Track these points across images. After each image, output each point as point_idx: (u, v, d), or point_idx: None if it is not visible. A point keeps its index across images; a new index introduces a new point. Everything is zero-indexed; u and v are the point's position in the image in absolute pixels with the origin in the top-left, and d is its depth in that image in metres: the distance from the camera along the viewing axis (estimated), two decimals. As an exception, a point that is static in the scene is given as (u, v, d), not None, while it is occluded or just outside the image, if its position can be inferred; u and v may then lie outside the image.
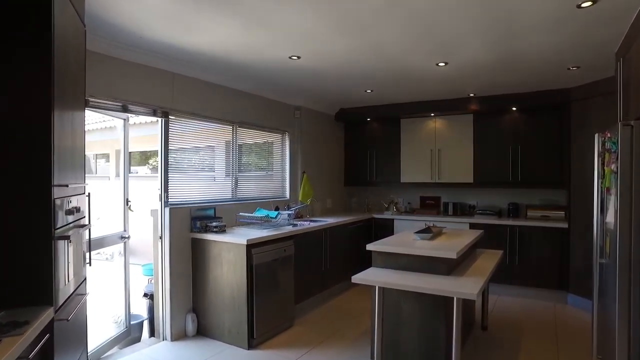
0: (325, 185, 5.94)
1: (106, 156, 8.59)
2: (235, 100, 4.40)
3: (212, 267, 3.70)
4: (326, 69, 3.94)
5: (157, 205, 3.73)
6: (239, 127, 4.49)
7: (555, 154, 4.94)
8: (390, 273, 3.05)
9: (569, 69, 3.85)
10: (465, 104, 5.21)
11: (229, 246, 3.56)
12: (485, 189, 5.61)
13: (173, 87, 3.69)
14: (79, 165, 2.14)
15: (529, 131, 5.08)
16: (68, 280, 1.85)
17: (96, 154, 8.79)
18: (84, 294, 2.14)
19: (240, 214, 4.20)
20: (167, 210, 3.67)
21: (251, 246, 3.50)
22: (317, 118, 5.76)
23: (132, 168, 8.75)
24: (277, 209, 4.76)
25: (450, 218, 5.30)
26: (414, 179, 5.83)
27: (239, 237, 3.53)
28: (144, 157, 9.21)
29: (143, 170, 9.12)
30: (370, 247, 3.24)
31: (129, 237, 3.69)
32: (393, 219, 5.68)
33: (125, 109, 3.29)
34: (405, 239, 3.55)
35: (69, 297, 1.87)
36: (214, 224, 3.83)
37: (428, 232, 3.73)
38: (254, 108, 4.67)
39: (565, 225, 4.64)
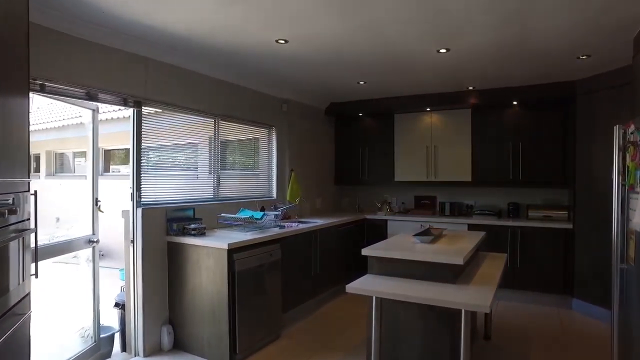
0: (314, 184, 5.60)
1: (84, 154, 8.15)
2: (217, 91, 4.03)
3: (190, 274, 3.34)
4: (316, 56, 3.60)
5: (129, 205, 3.35)
6: (222, 120, 4.12)
7: (558, 151, 4.68)
8: (388, 281, 2.72)
9: (578, 57, 3.58)
10: (464, 97, 4.92)
11: (209, 251, 3.20)
12: (484, 188, 5.34)
13: (147, 74, 3.31)
14: (19, 160, 1.77)
15: (530, 127, 4.81)
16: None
17: (74, 152, 8.34)
18: (24, 314, 1.77)
19: (222, 214, 3.84)
20: (139, 211, 3.29)
21: (233, 251, 3.15)
22: (306, 112, 5.41)
23: (115, 167, 8.31)
24: (262, 209, 4.41)
25: (447, 219, 5.01)
26: (408, 178, 5.52)
27: (219, 241, 3.17)
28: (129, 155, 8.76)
29: (127, 169, 8.67)
30: (366, 251, 2.92)
31: (97, 242, 3.29)
32: (386, 220, 5.37)
33: (90, 97, 2.90)
34: (404, 242, 3.23)
35: (-3, 320, 1.50)
36: (193, 226, 3.46)
37: (428, 234, 3.42)
38: (238, 100, 4.31)
39: (570, 226, 4.38)
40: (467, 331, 2.32)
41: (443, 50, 3.37)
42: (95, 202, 3.32)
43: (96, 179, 3.31)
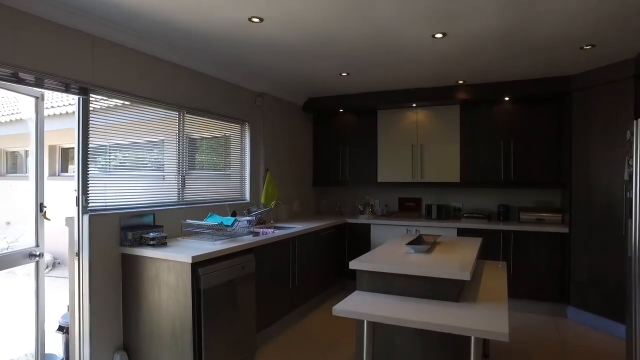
0: (291, 186, 5.17)
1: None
2: (181, 81, 3.54)
3: (148, 292, 2.84)
4: (295, 39, 3.18)
5: (74, 211, 2.82)
6: (188, 114, 3.63)
7: (552, 150, 4.41)
8: (381, 300, 2.32)
9: (582, 47, 3.29)
10: (453, 92, 4.60)
11: (169, 264, 2.72)
12: (472, 190, 5.04)
13: (93, 56, 2.80)
14: None
15: (523, 124, 4.54)
16: None
17: (27, 150, 7.58)
18: None
19: (188, 221, 3.35)
20: (85, 218, 2.77)
21: (198, 265, 2.67)
22: (283, 107, 4.97)
23: (74, 167, 7.59)
24: (234, 214, 3.94)
25: (435, 222, 4.67)
26: (392, 179, 5.16)
27: (182, 252, 2.69)
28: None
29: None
30: (354, 264, 2.51)
31: (41, 255, 2.73)
32: (369, 224, 4.99)
33: (18, 79, 2.37)
34: (395, 252, 2.84)
35: None
36: (152, 234, 2.96)
37: (421, 242, 3.04)
38: (207, 91, 3.83)
39: (566, 230, 4.11)
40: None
41: (439, 35, 3.00)
42: (40, 207, 2.77)
43: (41, 180, 2.76)
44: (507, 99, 4.50)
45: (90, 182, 2.82)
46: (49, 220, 2.84)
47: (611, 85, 3.74)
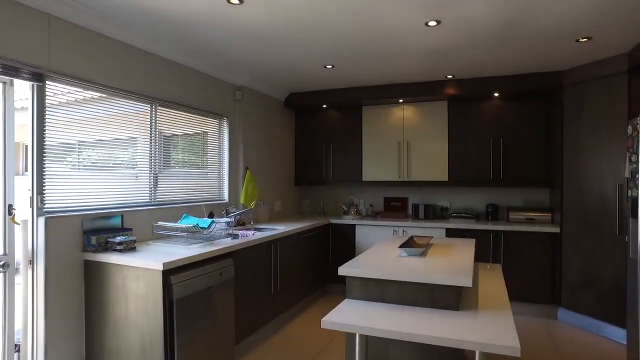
0: (272, 185, 4.91)
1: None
2: (154, 70, 3.24)
3: (113, 303, 2.54)
4: (277, 27, 2.93)
5: (28, 213, 2.50)
6: (161, 107, 3.34)
7: (542, 148, 4.30)
8: (373, 309, 2.10)
9: (577, 40, 3.16)
10: (441, 87, 4.43)
11: (138, 272, 2.43)
12: (460, 189, 4.89)
13: (50, 37, 2.48)
14: None
15: (512, 121, 4.41)
16: None
17: None
18: None
19: (160, 223, 3.06)
20: (41, 220, 2.46)
21: (170, 272, 2.40)
22: (263, 102, 4.71)
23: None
24: (211, 215, 3.66)
25: (422, 223, 4.49)
26: (378, 177, 4.97)
27: (152, 258, 2.41)
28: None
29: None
30: (344, 270, 2.28)
31: (6, 266, 2.37)
32: (354, 225, 4.78)
33: (-42, 62, 2.05)
34: (387, 255, 2.63)
35: None
36: (119, 239, 2.66)
37: (412, 244, 2.85)
38: (182, 83, 3.54)
39: (557, 230, 3.99)
40: (485, 378, 1.75)
41: (433, 23, 2.81)
42: (9, 210, 2.43)
43: (10, 178, 2.42)
44: (496, 94, 4.37)
45: (48, 181, 2.50)
46: (18, 224, 2.50)
47: (604, 81, 3.64)
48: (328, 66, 3.90)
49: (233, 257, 3.01)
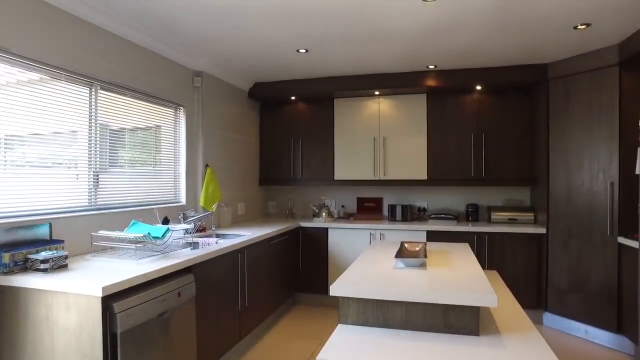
0: (235, 185, 4.39)
1: None
2: (94, 45, 2.65)
3: (33, 341, 1.95)
4: (248, -4, 2.45)
5: None
6: (103, 90, 2.75)
7: (526, 144, 4.10)
8: (376, 339, 1.69)
9: (575, 27, 2.92)
10: (421, 79, 4.12)
11: (69, 300, 1.87)
12: (438, 188, 4.61)
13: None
14: None
15: (495, 116, 4.18)
16: None
17: None
18: None
19: (102, 232, 2.48)
20: None
21: (113, 298, 1.86)
22: (225, 92, 4.18)
23: None
24: (166, 221, 3.11)
25: (400, 225, 4.16)
26: (351, 176, 4.59)
27: (89, 280, 1.86)
28: None
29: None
30: (337, 290, 1.85)
31: None
32: (327, 228, 4.36)
33: None
34: (381, 267, 2.23)
35: None
36: (44, 255, 2.07)
37: (406, 252, 2.47)
38: (130, 64, 2.96)
39: (543, 230, 3.79)
40: None
41: (430, -4, 2.45)
42: None
43: None
44: (478, 87, 4.11)
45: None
46: None
47: (593, 74, 3.46)
48: (301, 50, 3.45)
49: (194, 272, 2.49)
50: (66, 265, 2.12)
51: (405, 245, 2.68)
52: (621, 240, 3.22)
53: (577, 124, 3.57)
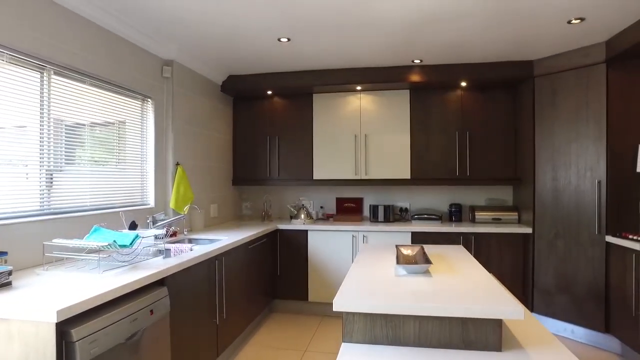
0: (207, 185, 4.07)
1: None
2: (47, 22, 2.28)
3: (-28, 373, 1.60)
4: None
5: None
6: (57, 75, 2.38)
7: (511, 142, 4.03)
8: (389, 358, 1.47)
9: (569, 22, 2.83)
10: (404, 74, 3.95)
11: (11, 328, 1.53)
12: (420, 188, 4.47)
13: None
14: None
15: (479, 114, 4.08)
16: None
17: None
18: None
19: (56, 241, 2.12)
20: None
21: (70, 323, 1.54)
22: (197, 84, 3.86)
23: None
24: (133, 226, 2.76)
25: (383, 226, 3.98)
26: (331, 175, 4.37)
27: (38, 301, 1.53)
28: None
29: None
30: (341, 305, 1.61)
31: None
32: (306, 231, 4.12)
33: None
34: (381, 275, 2.02)
35: None
36: (-16, 269, 1.72)
37: (403, 256, 2.28)
38: (91, 47, 2.60)
39: (529, 231, 3.71)
40: None
41: (430, -20, 2.26)
42: None
43: None
44: (463, 84, 4.00)
45: None
46: None
47: (580, 71, 3.41)
48: (283, 39, 3.19)
49: (167, 284, 2.19)
50: (9, 283, 1.77)
51: (402, 249, 2.48)
52: (609, 239, 3.18)
53: (564, 121, 3.52)
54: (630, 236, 2.99)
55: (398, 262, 2.04)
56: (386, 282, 1.85)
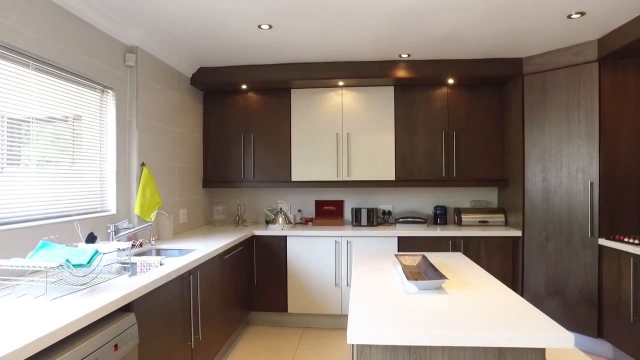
0: (176, 188, 3.69)
1: None
2: (-24, -8, 1.86)
3: None
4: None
5: None
6: (-7, 60, 1.96)
7: (499, 142, 3.90)
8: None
9: (569, 16, 2.69)
10: (390, 69, 3.73)
11: None
12: (404, 190, 4.28)
13: None
14: None
15: (466, 112, 3.93)
16: None
17: None
18: None
19: (-7, 260, 1.72)
20: None
21: (10, 373, 1.18)
22: (165, 75, 3.46)
23: None
24: (92, 238, 2.36)
25: (367, 230, 3.75)
26: (311, 177, 4.09)
27: (-34, 349, 1.16)
28: None
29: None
30: (357, 338, 1.33)
31: None
32: (285, 237, 3.82)
33: None
34: (391, 293, 1.76)
35: None
36: None
37: (404, 267, 2.04)
38: (36, 24, 2.18)
39: (519, 234, 3.59)
40: None
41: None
42: None
43: None
44: (450, 81, 3.83)
45: None
46: None
47: (571, 70, 3.31)
48: (264, 26, 2.88)
49: (135, 309, 1.83)
50: None
51: (402, 259, 2.24)
52: (602, 242, 3.09)
53: (554, 121, 3.41)
54: (626, 239, 2.90)
55: (407, 277, 1.79)
56: (398, 303, 1.60)
